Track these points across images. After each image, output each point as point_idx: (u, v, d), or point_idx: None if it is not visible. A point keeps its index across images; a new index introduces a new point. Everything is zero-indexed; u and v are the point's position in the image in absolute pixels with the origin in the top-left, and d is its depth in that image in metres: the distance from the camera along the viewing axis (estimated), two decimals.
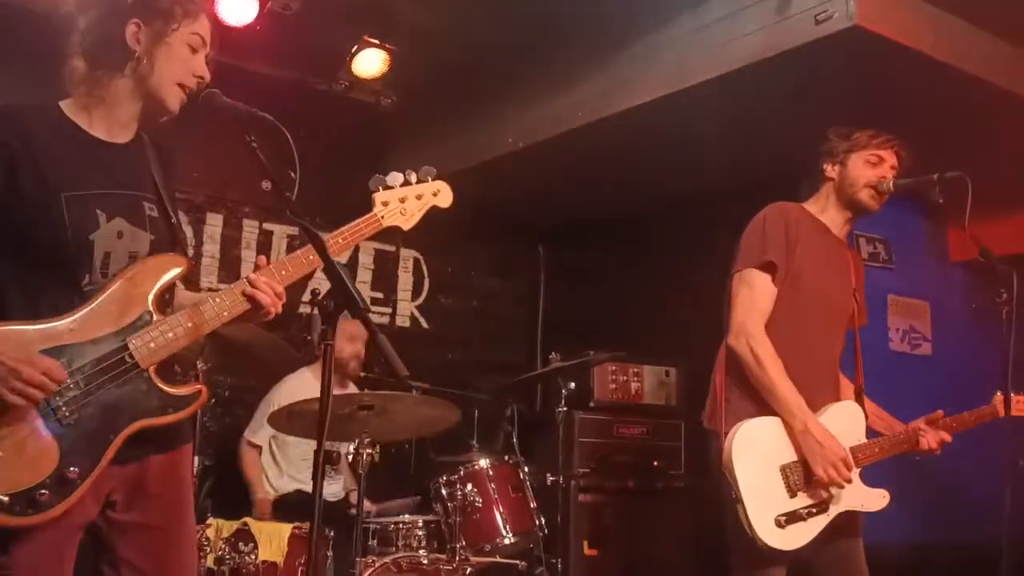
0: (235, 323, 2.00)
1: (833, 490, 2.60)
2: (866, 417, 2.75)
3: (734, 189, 2.95)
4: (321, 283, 4.27)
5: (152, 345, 1.84)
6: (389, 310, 5.45)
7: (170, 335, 1.86)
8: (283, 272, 1.96)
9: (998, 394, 2.76)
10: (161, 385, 1.87)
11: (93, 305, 1.83)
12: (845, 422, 2.70)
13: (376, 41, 4.47)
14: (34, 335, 1.76)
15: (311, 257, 1.97)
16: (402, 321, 5.49)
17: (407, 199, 2.27)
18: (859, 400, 2.81)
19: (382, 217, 2.23)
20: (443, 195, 2.35)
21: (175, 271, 1.94)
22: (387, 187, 2.25)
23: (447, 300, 5.70)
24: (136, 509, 1.90)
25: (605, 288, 5.50)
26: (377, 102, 5.01)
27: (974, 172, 2.56)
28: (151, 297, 1.89)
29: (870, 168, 2.76)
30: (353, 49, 4.49)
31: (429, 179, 2.32)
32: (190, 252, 4.68)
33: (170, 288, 1.98)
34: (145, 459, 1.91)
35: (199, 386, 1.94)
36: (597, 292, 5.55)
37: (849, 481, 2.57)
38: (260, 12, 3.94)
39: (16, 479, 1.70)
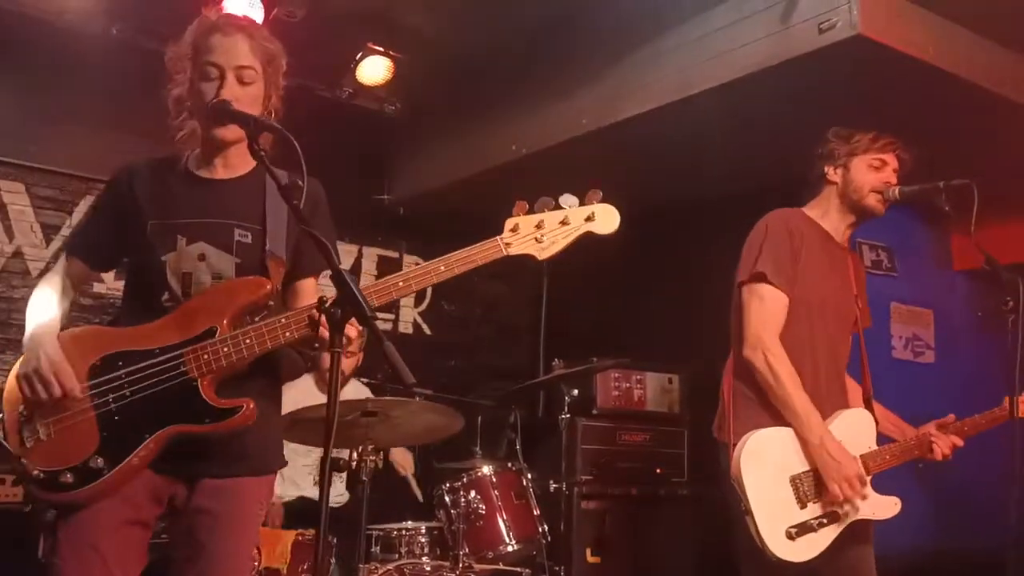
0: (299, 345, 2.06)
1: (846, 504, 2.60)
2: (876, 423, 2.75)
3: (737, 196, 2.95)
4: (328, 289, 4.26)
5: (206, 357, 1.96)
6: (392, 316, 5.45)
7: (226, 349, 1.95)
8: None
9: (1007, 398, 2.75)
10: (206, 396, 1.95)
11: (167, 317, 2.02)
12: (856, 430, 2.70)
13: (380, 48, 4.48)
14: (111, 338, 2.03)
15: (399, 284, 2.02)
16: (405, 328, 5.49)
17: (545, 224, 2.10)
18: (868, 406, 2.80)
19: (507, 244, 2.11)
20: (602, 221, 2.12)
21: (256, 293, 2.04)
22: (529, 212, 2.11)
23: (450, 307, 5.71)
24: (185, 520, 2.03)
25: (608, 295, 5.50)
26: (381, 109, 5.03)
27: (978, 180, 2.56)
28: (225, 315, 2.00)
29: (873, 172, 2.76)
30: (357, 56, 4.51)
31: (594, 202, 2.14)
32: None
33: (248, 308, 2.06)
34: (199, 479, 2.02)
35: (244, 400, 1.97)
36: (600, 299, 5.55)
37: (864, 498, 2.57)
38: (265, 19, 3.95)
39: (55, 459, 1.94)
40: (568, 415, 3.97)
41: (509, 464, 3.81)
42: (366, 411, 3.10)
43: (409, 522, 3.67)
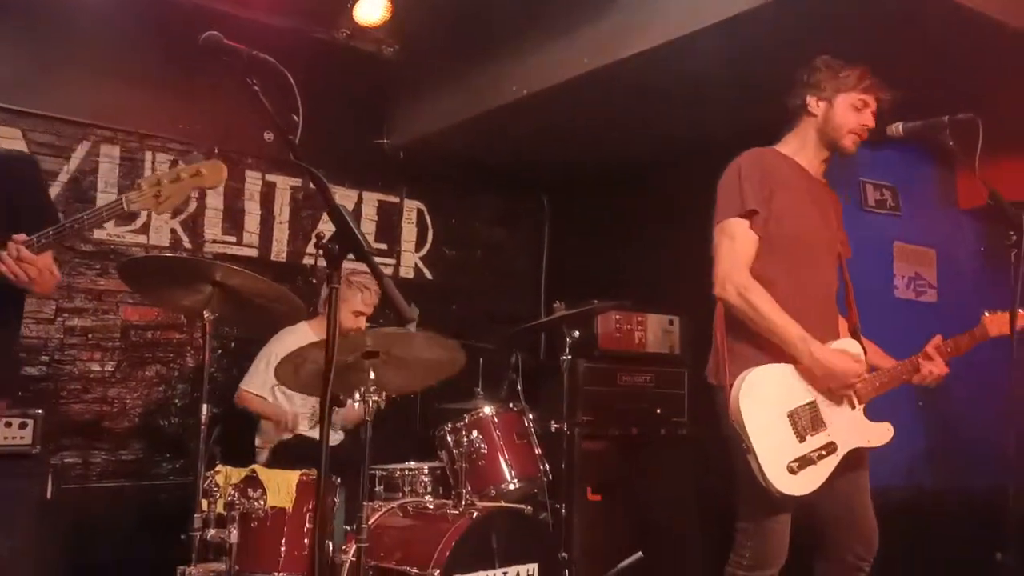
0: None
1: (839, 431, 2.62)
2: (865, 352, 2.76)
3: (740, 136, 2.90)
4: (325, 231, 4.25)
5: None
6: (393, 261, 5.44)
7: None
8: None
9: (985, 314, 2.77)
10: None
11: None
12: None
13: None
14: None
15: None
16: (406, 272, 5.49)
17: (162, 183, 2.39)
18: (855, 337, 2.82)
19: (131, 201, 2.38)
20: (210, 175, 2.42)
21: None
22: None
23: (451, 251, 5.69)
24: None
25: (609, 237, 5.48)
26: (379, 51, 4.95)
27: (985, 115, 2.52)
28: None
29: (854, 113, 2.75)
30: None
31: (203, 161, 2.44)
32: (193, 206, 4.69)
33: None
34: None
35: None
36: (601, 241, 5.53)
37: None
38: None
39: None
40: (569, 357, 3.97)
41: (511, 405, 3.83)
42: (368, 352, 3.11)
43: (412, 462, 3.72)
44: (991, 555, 2.42)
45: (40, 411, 3.74)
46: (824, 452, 2.59)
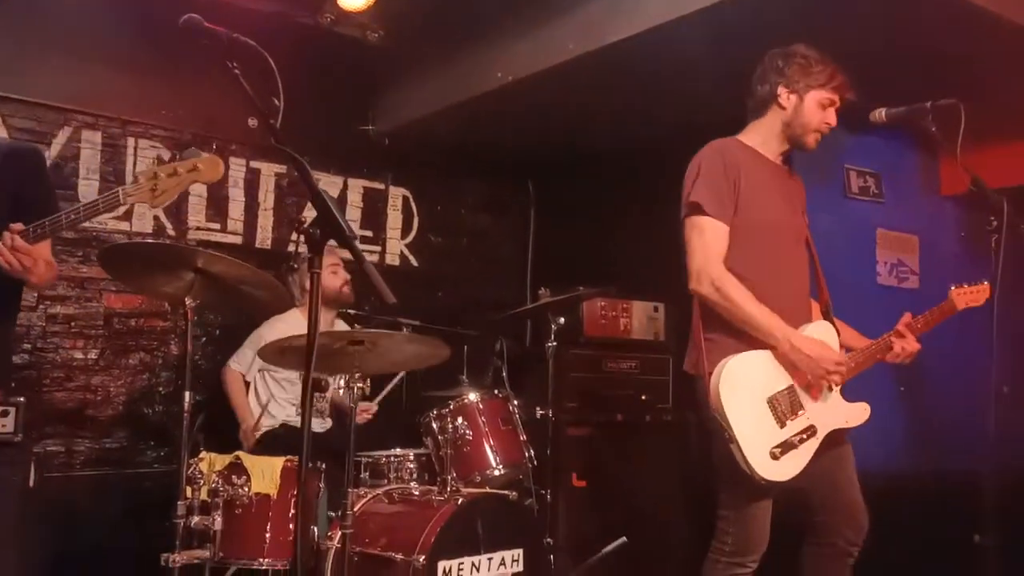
0: None
1: (817, 413, 2.64)
2: (839, 334, 2.78)
3: (726, 122, 2.91)
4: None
5: None
6: (378, 248, 5.43)
7: None
8: None
9: (952, 288, 2.82)
10: None
11: None
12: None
13: None
14: None
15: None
16: (392, 259, 5.47)
17: (159, 177, 2.38)
18: (827, 318, 2.84)
19: (128, 195, 2.37)
20: (207, 170, 2.40)
21: None
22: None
23: (437, 238, 5.68)
24: None
25: (595, 224, 5.48)
26: (364, 36, 4.91)
27: (967, 101, 2.53)
28: None
29: (821, 112, 2.77)
30: None
31: (202, 156, 2.43)
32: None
33: None
34: None
35: None
36: (587, 228, 5.53)
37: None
38: None
39: None
40: (555, 343, 3.98)
41: (496, 391, 3.84)
42: (353, 340, 3.11)
43: (397, 449, 3.72)
44: (969, 537, 2.45)
45: (22, 399, 3.71)
46: (805, 436, 2.62)
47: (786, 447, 2.58)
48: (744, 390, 2.60)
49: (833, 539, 2.77)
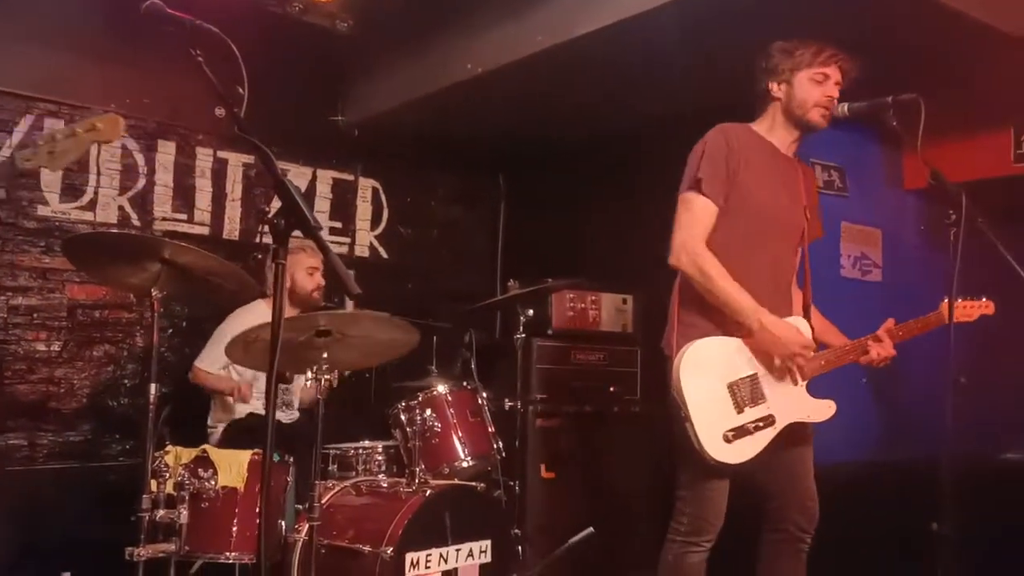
0: None
1: (778, 404, 2.67)
2: (813, 331, 2.82)
3: (696, 115, 2.93)
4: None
5: None
6: (348, 240, 5.40)
7: None
8: None
9: (944, 301, 2.81)
10: None
11: None
12: None
13: None
14: None
15: None
16: (361, 251, 5.45)
17: (56, 139, 2.31)
18: (807, 314, 2.87)
19: (26, 160, 2.33)
20: (106, 130, 2.31)
21: None
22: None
23: (406, 229, 5.66)
24: None
25: (565, 216, 5.50)
26: (333, 26, 4.87)
27: (928, 97, 2.57)
28: None
29: (816, 87, 2.77)
30: None
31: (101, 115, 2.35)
32: (142, 183, 4.60)
33: None
34: None
35: None
36: (557, 220, 5.54)
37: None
38: None
39: None
40: (523, 335, 3.99)
41: (464, 383, 3.84)
42: (320, 330, 3.09)
43: (366, 441, 3.71)
44: (927, 526, 2.50)
45: None
46: (761, 424, 2.65)
47: (740, 432, 2.61)
48: (705, 372, 2.64)
49: (785, 525, 2.82)
